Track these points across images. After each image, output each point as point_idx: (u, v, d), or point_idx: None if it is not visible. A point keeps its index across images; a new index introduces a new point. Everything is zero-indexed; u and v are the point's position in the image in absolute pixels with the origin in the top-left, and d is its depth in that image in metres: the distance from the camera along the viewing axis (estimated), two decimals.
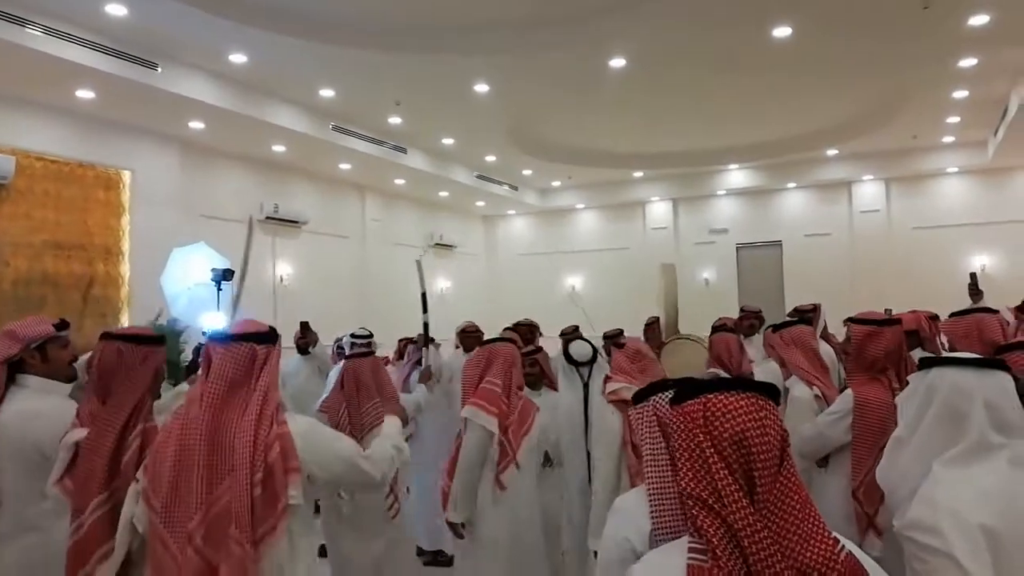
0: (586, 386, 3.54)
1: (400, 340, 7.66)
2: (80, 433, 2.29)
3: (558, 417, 3.70)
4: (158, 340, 2.46)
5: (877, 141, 12.20)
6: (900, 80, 9.32)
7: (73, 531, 2.18)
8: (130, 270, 9.13)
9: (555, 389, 4.22)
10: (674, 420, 1.35)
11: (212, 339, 2.12)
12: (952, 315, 3.59)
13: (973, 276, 4.67)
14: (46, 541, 2.49)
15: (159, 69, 7.86)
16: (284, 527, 1.95)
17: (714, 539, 1.22)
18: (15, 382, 2.63)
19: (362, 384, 3.65)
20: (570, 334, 6.15)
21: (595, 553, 3.17)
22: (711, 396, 1.31)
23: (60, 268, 8.43)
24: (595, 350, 3.67)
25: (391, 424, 2.62)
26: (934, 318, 5.03)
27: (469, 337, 6.18)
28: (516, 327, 6.40)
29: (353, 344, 6.02)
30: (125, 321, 8.93)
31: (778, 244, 14.71)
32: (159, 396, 2.60)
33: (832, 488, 2.98)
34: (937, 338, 4.38)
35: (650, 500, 1.69)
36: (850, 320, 3.20)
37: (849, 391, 3.02)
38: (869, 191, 13.94)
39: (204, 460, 1.94)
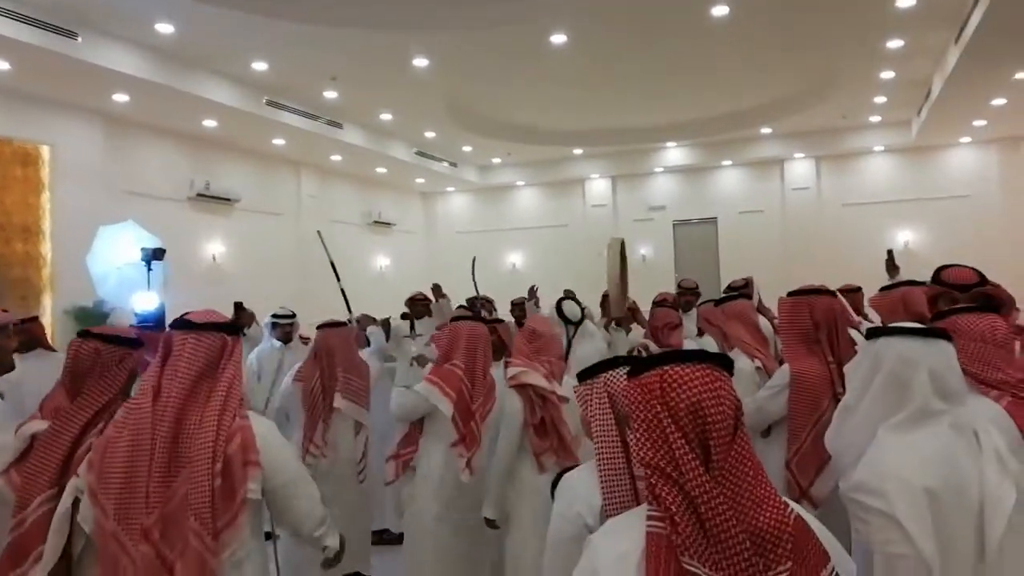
0: (569, 343, 3.77)
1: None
2: (39, 425, 2.19)
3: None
4: (136, 342, 2.37)
5: (808, 120, 12.53)
6: (831, 60, 9.57)
7: (14, 526, 2.08)
8: (52, 250, 8.71)
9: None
10: (631, 392, 1.36)
11: (178, 328, 2.05)
12: (881, 289, 3.73)
13: (890, 252, 4.83)
14: None
15: (79, 39, 7.46)
16: (244, 520, 1.92)
17: (672, 506, 1.25)
18: None
19: (333, 353, 3.98)
20: (520, 304, 6.30)
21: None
22: (667, 368, 1.33)
23: None
24: (583, 312, 3.83)
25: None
26: (856, 290, 5.22)
27: (417, 305, 6.51)
28: (470, 303, 6.51)
29: (274, 324, 5.98)
30: (47, 303, 8.54)
31: (713, 221, 15.01)
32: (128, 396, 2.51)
33: (773, 458, 3.05)
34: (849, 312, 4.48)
35: (601, 476, 1.71)
36: (788, 294, 3.23)
37: (786, 366, 3.08)
38: (800, 169, 14.34)
39: (163, 454, 1.88)
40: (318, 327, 4.28)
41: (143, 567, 1.81)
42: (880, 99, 11.45)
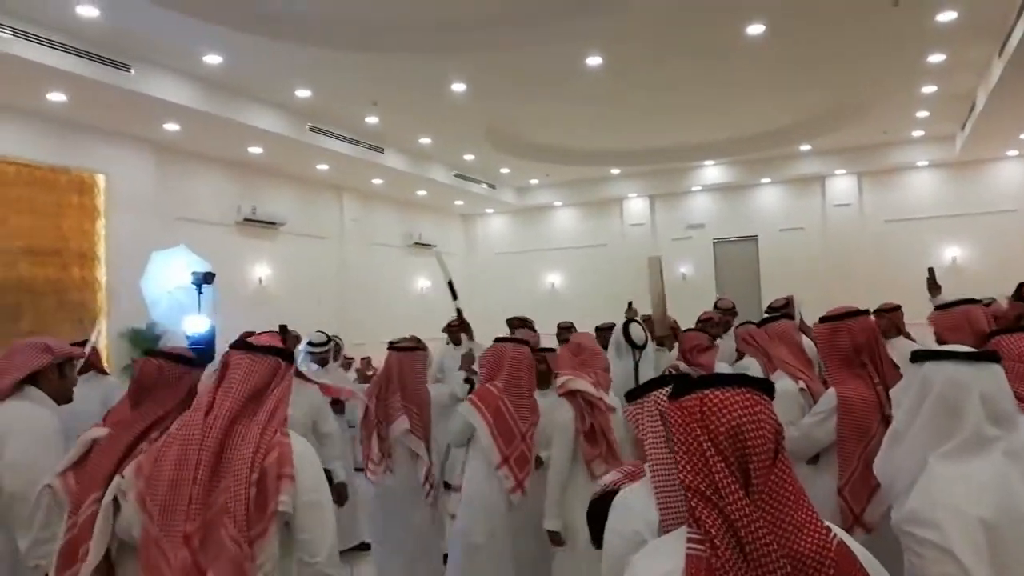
0: (636, 366, 3.90)
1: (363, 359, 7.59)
2: (99, 432, 2.32)
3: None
4: (196, 362, 2.49)
5: (849, 136, 12.38)
6: (871, 76, 9.47)
7: (68, 528, 2.18)
8: (107, 275, 9.02)
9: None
10: (672, 414, 1.38)
11: (238, 348, 2.15)
12: (938, 308, 3.64)
13: (931, 271, 4.72)
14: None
15: (132, 71, 7.76)
16: (274, 531, 1.97)
17: (712, 529, 1.26)
18: (21, 389, 2.72)
19: (392, 378, 4.00)
20: (568, 328, 6.47)
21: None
22: (707, 392, 1.35)
23: (36, 274, 8.32)
24: (647, 335, 4.11)
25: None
26: (895, 309, 5.13)
27: (454, 330, 6.62)
28: (510, 323, 6.63)
29: (310, 354, 6.00)
30: (103, 326, 8.81)
31: (754, 239, 14.88)
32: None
33: (821, 485, 2.97)
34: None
35: (656, 492, 1.73)
36: (820, 320, 3.18)
37: (832, 391, 3.01)
38: (842, 185, 14.14)
39: (208, 465, 1.95)
40: (390, 346, 4.26)
41: (179, 572, 1.88)
42: (922, 114, 11.28)
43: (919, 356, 1.89)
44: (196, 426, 2.00)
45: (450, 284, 5.68)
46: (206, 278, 6.74)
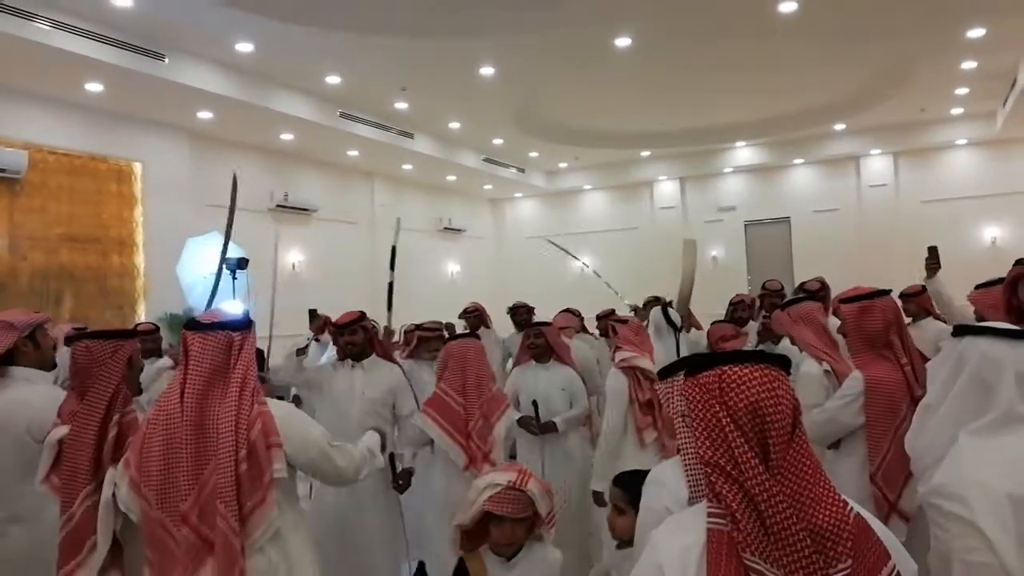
0: (677, 345, 4.21)
1: (407, 331, 7.72)
2: (63, 431, 2.34)
3: (574, 386, 4.19)
4: (126, 333, 2.53)
5: (885, 115, 12.13)
6: (906, 52, 9.26)
7: (64, 523, 2.25)
8: (144, 261, 9.23)
9: (564, 362, 4.40)
10: (689, 390, 1.41)
11: (189, 328, 2.19)
12: (979, 286, 3.60)
13: (933, 250, 4.59)
14: (31, 533, 2.57)
15: (166, 60, 7.91)
16: (273, 498, 2.06)
17: (733, 503, 1.29)
18: (2, 373, 2.69)
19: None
20: (609, 314, 6.49)
21: (594, 492, 3.50)
22: (726, 368, 1.37)
23: (76, 261, 8.55)
24: (683, 318, 4.48)
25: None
26: (921, 292, 5.05)
27: (471, 316, 6.84)
28: (513, 309, 6.71)
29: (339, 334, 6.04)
30: (142, 312, 9.05)
31: (786, 220, 14.68)
32: (140, 390, 2.64)
33: (844, 470, 2.92)
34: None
35: (685, 469, 1.76)
36: (840, 301, 3.13)
37: (858, 373, 2.94)
38: (877, 165, 13.88)
39: (191, 446, 2.04)
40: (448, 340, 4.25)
41: (186, 547, 1.99)
42: (961, 91, 11.00)
43: (960, 330, 1.88)
44: (175, 410, 2.08)
45: (393, 250, 5.72)
46: (240, 264, 6.87)
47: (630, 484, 2.29)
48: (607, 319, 6.52)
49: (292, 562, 2.11)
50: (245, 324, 2.23)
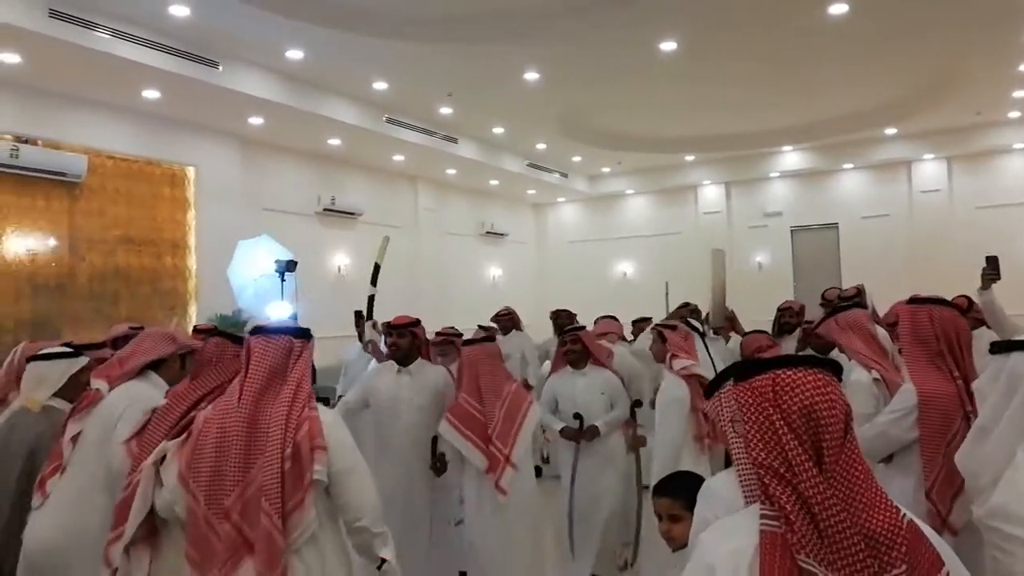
0: (707, 348, 4.32)
1: (437, 333, 7.79)
2: (160, 403, 2.49)
3: (613, 389, 4.25)
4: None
5: (938, 118, 11.84)
6: (960, 55, 9.04)
7: (124, 487, 2.35)
8: (196, 263, 9.48)
9: (602, 365, 4.41)
10: (741, 394, 1.42)
11: (254, 333, 2.29)
12: None
13: (991, 260, 4.39)
14: (85, 523, 2.69)
15: (220, 67, 8.12)
16: (311, 501, 2.10)
17: (787, 506, 1.29)
18: (144, 373, 2.91)
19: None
20: (645, 320, 6.62)
21: (645, 486, 3.57)
22: (779, 372, 1.38)
23: (132, 262, 8.82)
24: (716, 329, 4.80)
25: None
26: (970, 307, 4.90)
27: (503, 320, 7.02)
28: (555, 314, 6.79)
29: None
30: (193, 313, 9.29)
31: (834, 226, 14.41)
32: None
33: (896, 485, 2.82)
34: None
35: (742, 481, 1.76)
36: (908, 301, 3.07)
37: (911, 386, 2.85)
38: (930, 170, 13.54)
39: (242, 444, 2.10)
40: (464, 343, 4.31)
41: (228, 543, 2.03)
42: (1019, 94, 10.69)
43: (1001, 347, 1.83)
44: (231, 410, 2.15)
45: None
46: (289, 266, 7.02)
47: (680, 489, 2.30)
48: (642, 324, 6.54)
49: (327, 566, 2.14)
50: (307, 335, 2.32)
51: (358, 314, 7.23)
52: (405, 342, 3.93)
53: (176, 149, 9.35)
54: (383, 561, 2.24)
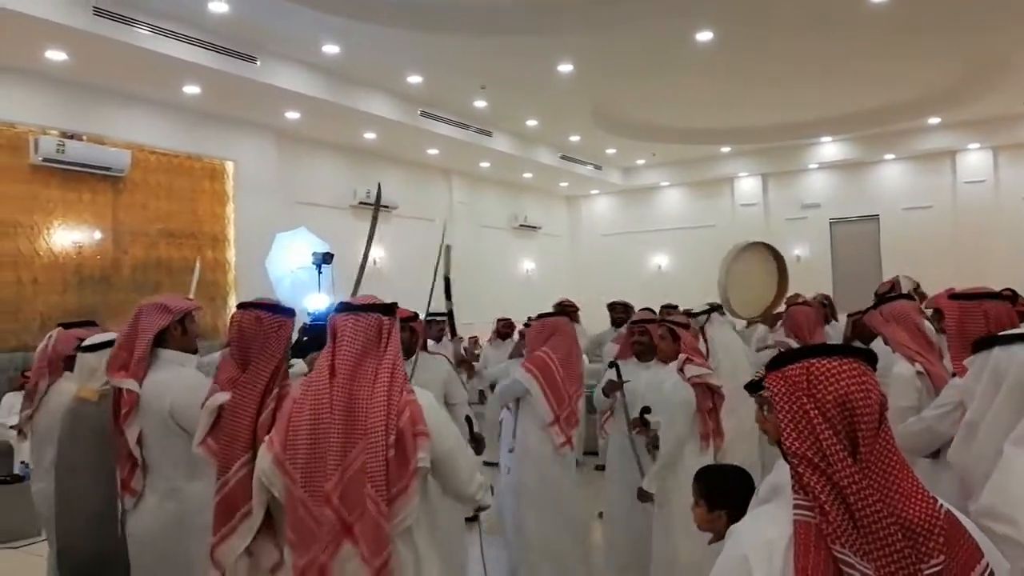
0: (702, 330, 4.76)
1: (499, 319, 7.89)
2: (223, 397, 2.42)
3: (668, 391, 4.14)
4: (290, 311, 2.58)
5: (984, 108, 11.53)
6: (1007, 41, 8.78)
7: (219, 488, 2.32)
8: (235, 255, 9.65)
9: (666, 362, 4.38)
10: (774, 383, 1.41)
11: (340, 311, 2.23)
12: None
13: None
14: (180, 504, 2.73)
15: (258, 62, 8.23)
16: (415, 487, 2.07)
17: (821, 495, 1.28)
18: (155, 357, 2.84)
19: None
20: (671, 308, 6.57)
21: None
22: (813, 360, 1.37)
23: (173, 255, 9.01)
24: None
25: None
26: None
27: (567, 309, 6.80)
28: (611, 306, 6.78)
29: (430, 323, 6.35)
30: (232, 304, 9.47)
31: (875, 218, 14.15)
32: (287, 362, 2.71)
33: (943, 482, 2.71)
34: None
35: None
36: (951, 297, 2.97)
37: (959, 381, 2.69)
38: (975, 160, 13.21)
39: (339, 426, 2.06)
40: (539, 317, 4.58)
41: (327, 528, 1.99)
42: None
43: (983, 343, 1.81)
44: (323, 390, 2.10)
45: (447, 281, 5.84)
46: (326, 258, 7.11)
47: (702, 476, 2.32)
48: (669, 312, 6.43)
49: (420, 556, 2.12)
50: (392, 310, 2.26)
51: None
52: (405, 336, 3.95)
53: (215, 144, 9.51)
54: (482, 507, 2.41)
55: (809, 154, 14.20)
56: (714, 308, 5.33)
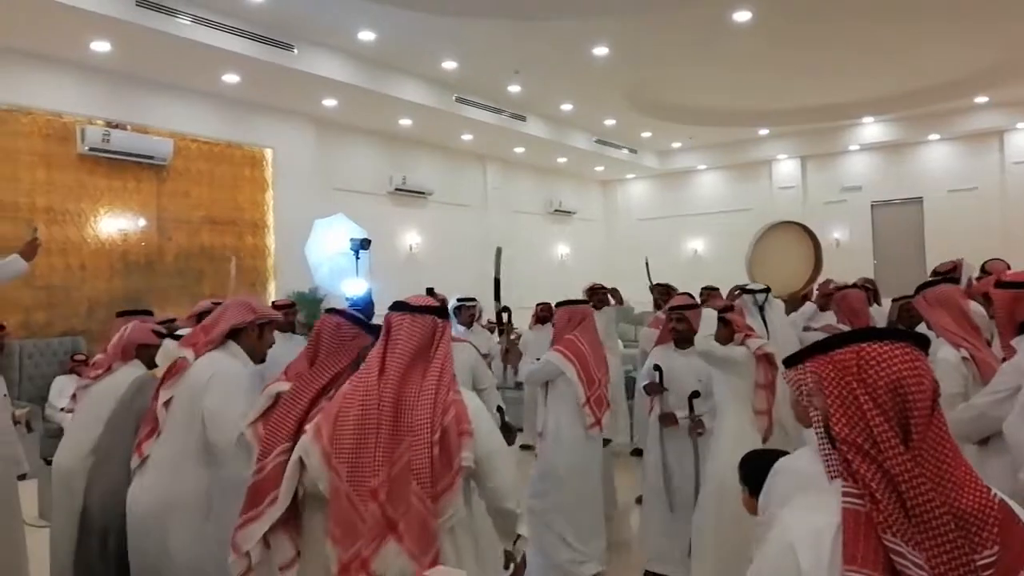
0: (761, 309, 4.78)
1: (538, 304, 7.89)
2: (283, 386, 2.49)
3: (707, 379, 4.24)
4: (371, 327, 2.61)
5: None
6: None
7: (256, 471, 2.35)
8: (275, 242, 9.79)
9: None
10: (822, 367, 1.39)
11: (397, 309, 2.27)
12: None
13: None
14: (178, 485, 2.81)
15: (295, 50, 8.31)
16: (459, 485, 2.09)
17: (872, 483, 1.26)
18: (225, 343, 2.99)
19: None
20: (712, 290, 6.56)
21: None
22: (864, 345, 1.35)
23: (214, 241, 9.18)
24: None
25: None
26: None
27: (597, 294, 6.82)
28: (655, 289, 6.76)
29: (459, 308, 6.47)
30: (272, 290, 9.62)
31: (918, 200, 13.82)
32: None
33: (993, 468, 2.69)
34: None
35: (823, 457, 1.73)
36: (995, 285, 2.91)
37: (1012, 362, 2.69)
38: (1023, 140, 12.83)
39: (387, 422, 2.09)
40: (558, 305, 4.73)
41: (372, 524, 2.01)
42: None
43: None
44: (372, 386, 2.13)
45: (496, 283, 5.85)
46: (363, 244, 7.18)
47: (744, 461, 2.32)
48: (710, 294, 6.37)
49: (461, 555, 2.13)
50: (445, 312, 2.30)
51: (429, 291, 7.33)
52: None
53: (254, 131, 9.64)
54: (518, 537, 2.31)
55: (850, 135, 13.90)
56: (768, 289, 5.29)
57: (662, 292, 6.66)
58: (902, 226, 13.90)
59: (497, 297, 5.88)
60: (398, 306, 2.28)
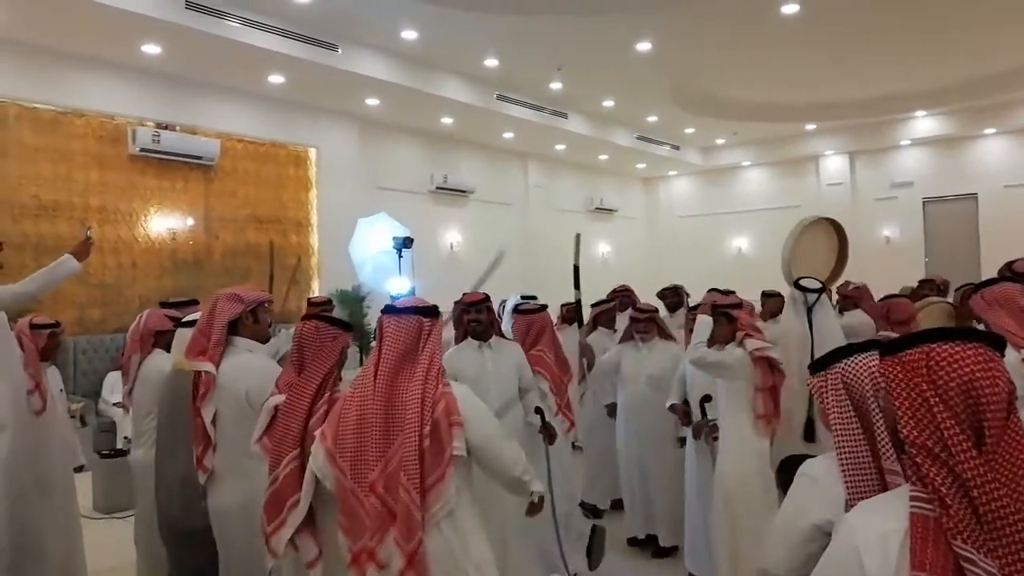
0: (809, 311, 4.46)
1: (563, 305, 7.83)
2: (279, 399, 2.59)
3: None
4: (346, 325, 2.74)
5: None
6: None
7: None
8: (318, 240, 9.92)
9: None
10: (890, 369, 1.34)
11: (385, 313, 2.39)
12: None
13: None
14: (253, 483, 2.83)
15: (339, 50, 8.40)
16: (451, 475, 2.19)
17: (942, 488, 1.22)
18: (230, 343, 3.03)
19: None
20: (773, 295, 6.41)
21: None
22: (934, 345, 1.30)
23: (260, 240, 9.32)
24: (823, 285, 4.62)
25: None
26: None
27: (621, 297, 6.81)
28: (662, 292, 6.68)
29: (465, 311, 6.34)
30: (315, 287, 9.74)
31: (972, 197, 13.41)
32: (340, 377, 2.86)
33: None
34: None
35: (843, 467, 1.68)
36: None
37: None
38: None
39: (380, 420, 2.22)
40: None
41: (374, 516, 2.16)
42: None
43: None
44: (368, 387, 2.26)
45: (575, 270, 5.81)
46: (406, 242, 7.21)
47: (782, 464, 2.27)
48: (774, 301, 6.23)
49: (466, 541, 2.23)
50: (434, 313, 2.40)
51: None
52: (484, 316, 4.03)
53: (299, 131, 9.77)
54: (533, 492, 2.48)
55: (901, 130, 13.55)
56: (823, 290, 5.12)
57: (671, 294, 6.56)
58: (955, 223, 13.51)
59: (576, 286, 5.91)
60: (387, 310, 2.41)
